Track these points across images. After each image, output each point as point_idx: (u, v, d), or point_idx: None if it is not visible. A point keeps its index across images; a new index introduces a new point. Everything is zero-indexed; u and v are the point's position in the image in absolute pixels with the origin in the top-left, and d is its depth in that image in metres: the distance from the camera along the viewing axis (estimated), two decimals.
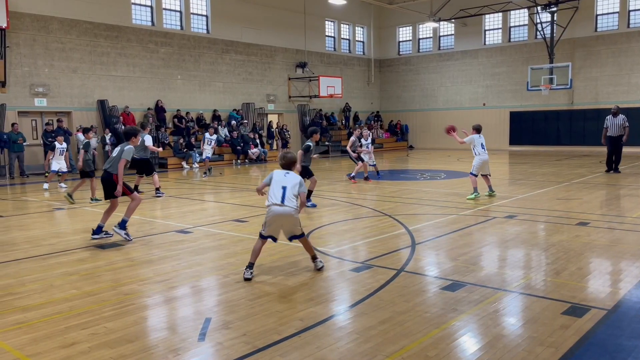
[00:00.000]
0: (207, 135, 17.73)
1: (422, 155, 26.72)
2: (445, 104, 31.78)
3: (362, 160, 15.04)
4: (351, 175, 15.00)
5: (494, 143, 29.43)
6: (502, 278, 5.78)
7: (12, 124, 17.88)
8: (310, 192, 10.34)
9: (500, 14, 29.01)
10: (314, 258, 6.09)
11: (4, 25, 17.33)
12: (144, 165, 12.65)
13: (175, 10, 23.47)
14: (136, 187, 11.92)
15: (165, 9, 23.02)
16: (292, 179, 5.86)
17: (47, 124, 18.81)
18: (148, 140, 12.52)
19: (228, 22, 25.00)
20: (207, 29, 24.60)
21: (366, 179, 14.87)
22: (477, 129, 11.86)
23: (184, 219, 9.65)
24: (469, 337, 4.22)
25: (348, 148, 15.43)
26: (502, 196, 11.70)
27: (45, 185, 14.35)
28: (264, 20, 26.45)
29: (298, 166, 9.94)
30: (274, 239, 5.92)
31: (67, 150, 14.74)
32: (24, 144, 18.00)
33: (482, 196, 11.39)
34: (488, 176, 11.58)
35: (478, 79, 30.52)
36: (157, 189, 12.72)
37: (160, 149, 15.12)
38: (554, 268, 6.08)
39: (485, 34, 30.38)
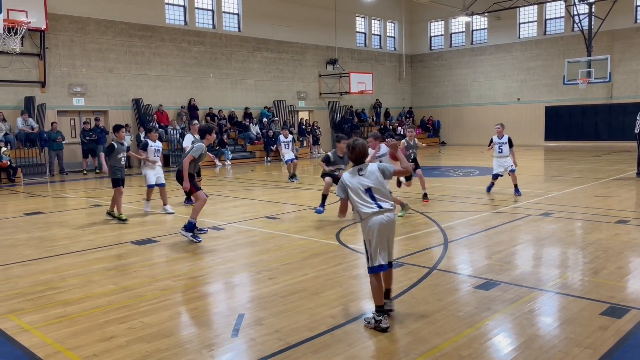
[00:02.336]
0: (281, 137, 15.22)
1: (454, 151, 26.37)
2: (478, 99, 31.26)
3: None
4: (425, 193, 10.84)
5: (528, 139, 28.84)
6: (538, 277, 5.66)
7: (52, 123, 18.44)
8: (324, 196, 9.20)
9: (535, 7, 28.31)
10: (388, 293, 4.59)
11: (43, 27, 17.86)
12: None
13: (207, 10, 23.75)
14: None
15: (197, 8, 23.32)
16: (371, 172, 4.40)
17: (85, 122, 19.32)
18: (187, 141, 11.45)
19: (259, 20, 25.16)
20: (239, 28, 24.82)
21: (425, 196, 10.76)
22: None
23: (217, 216, 9.78)
24: (503, 337, 4.16)
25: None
26: (538, 193, 11.46)
27: (147, 207, 10.18)
28: (294, 18, 26.52)
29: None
30: (388, 265, 4.44)
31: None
32: (63, 142, 18.54)
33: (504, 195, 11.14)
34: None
35: (512, 73, 29.89)
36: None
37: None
38: (592, 267, 5.93)
39: (519, 27, 29.71)
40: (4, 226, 9.37)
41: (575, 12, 26.13)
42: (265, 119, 24.44)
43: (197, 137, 11.22)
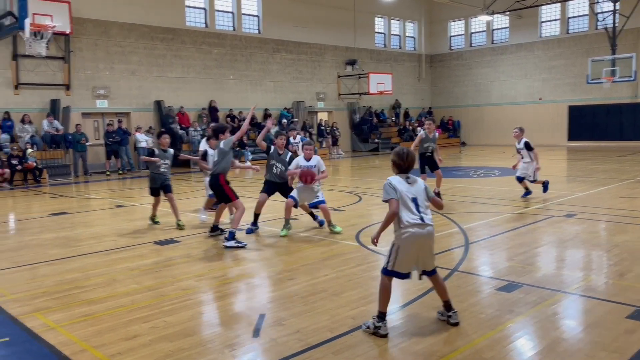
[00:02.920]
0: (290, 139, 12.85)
1: (475, 151, 26.13)
2: (499, 99, 30.91)
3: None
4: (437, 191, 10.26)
5: (551, 139, 28.42)
6: (561, 279, 5.58)
7: (76, 125, 18.78)
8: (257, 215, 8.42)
9: (558, 5, 27.89)
10: (449, 306, 4.39)
11: (68, 31, 18.17)
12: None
13: (227, 12, 23.94)
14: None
15: (218, 11, 23.53)
16: (418, 184, 4.39)
17: (108, 124, 19.63)
18: (202, 144, 10.25)
19: (279, 22, 25.27)
20: (259, 29, 24.96)
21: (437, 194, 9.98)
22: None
23: None
24: (526, 340, 4.12)
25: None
26: (561, 194, 11.29)
27: (203, 217, 9.38)
28: (313, 19, 26.57)
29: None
30: (406, 276, 4.36)
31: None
32: (87, 144, 18.86)
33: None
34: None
35: (534, 72, 29.49)
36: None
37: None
38: (617, 270, 5.82)
39: (541, 26, 29.31)
40: (31, 226, 9.58)
41: (599, 10, 25.68)
42: (284, 120, 24.52)
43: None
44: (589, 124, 27.74)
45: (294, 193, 7.93)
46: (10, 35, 11.32)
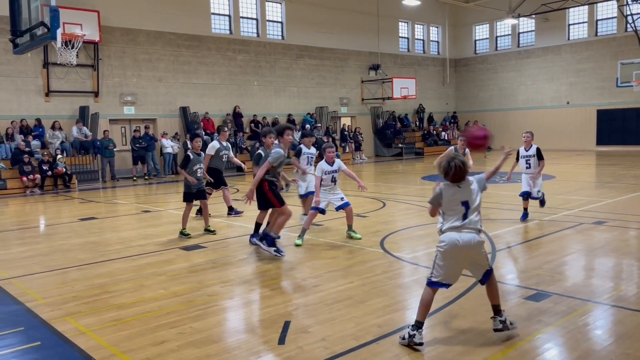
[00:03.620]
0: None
1: (500, 157, 25.76)
2: (525, 103, 30.48)
3: None
4: None
5: (579, 143, 27.89)
6: (591, 289, 5.47)
7: (104, 131, 19.17)
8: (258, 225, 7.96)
9: (585, 7, 27.41)
10: (497, 310, 4.25)
11: (97, 39, 18.61)
12: (213, 176, 9.98)
13: (251, 18, 24.18)
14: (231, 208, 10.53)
15: (242, 17, 23.78)
16: (474, 188, 4.22)
17: (135, 130, 19.99)
18: (210, 149, 10.39)
19: (302, 28, 25.41)
20: (282, 35, 25.14)
21: None
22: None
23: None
24: (555, 351, 4.04)
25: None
26: (590, 200, 11.06)
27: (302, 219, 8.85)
28: (337, 25, 26.63)
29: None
30: (448, 286, 4.25)
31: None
32: (114, 149, 19.23)
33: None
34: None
35: (561, 76, 29.01)
36: (230, 208, 10.59)
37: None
38: None
39: (569, 29, 28.83)
40: (61, 231, 9.80)
41: (628, 12, 25.16)
42: (308, 125, 24.60)
43: (225, 144, 10.40)
44: (618, 128, 27.14)
45: (322, 203, 7.86)
46: (43, 44, 11.63)
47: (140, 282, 6.11)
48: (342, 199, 7.99)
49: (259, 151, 7.54)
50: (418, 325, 4.09)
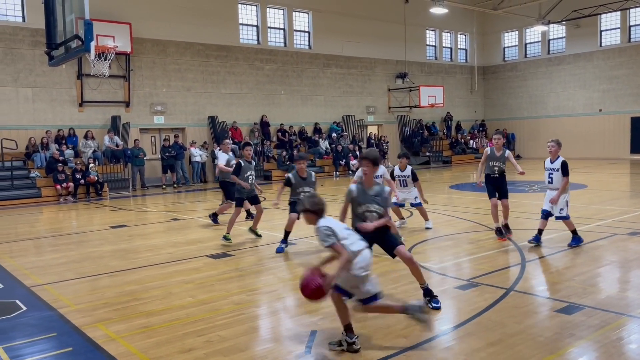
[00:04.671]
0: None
1: (530, 165, 25.28)
2: (555, 110, 29.92)
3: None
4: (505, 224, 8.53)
5: (612, 151, 27.20)
6: (626, 302, 5.31)
7: (135, 140, 19.57)
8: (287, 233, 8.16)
9: (618, 13, 26.82)
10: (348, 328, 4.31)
11: (129, 50, 19.07)
12: (224, 189, 10.66)
13: (279, 29, 24.42)
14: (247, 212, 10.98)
15: (270, 28, 24.04)
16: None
17: (164, 139, 20.35)
18: (221, 159, 10.70)
19: (329, 37, 25.53)
20: (309, 45, 25.30)
21: (501, 230, 8.46)
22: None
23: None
24: None
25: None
26: (624, 210, 10.76)
27: (429, 224, 9.58)
28: (364, 33, 26.68)
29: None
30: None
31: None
32: (144, 158, 19.61)
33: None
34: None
35: (593, 83, 28.40)
36: (215, 215, 10.80)
37: (229, 171, 9.79)
38: None
39: (601, 35, 28.23)
40: (93, 238, 10.02)
41: None
42: (334, 134, 24.66)
43: (231, 154, 10.76)
44: None
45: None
46: (77, 57, 11.97)
47: (169, 290, 6.19)
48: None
49: (289, 175, 8.10)
50: (349, 328, 4.21)
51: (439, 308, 5.17)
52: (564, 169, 7.71)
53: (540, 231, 7.85)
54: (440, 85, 28.72)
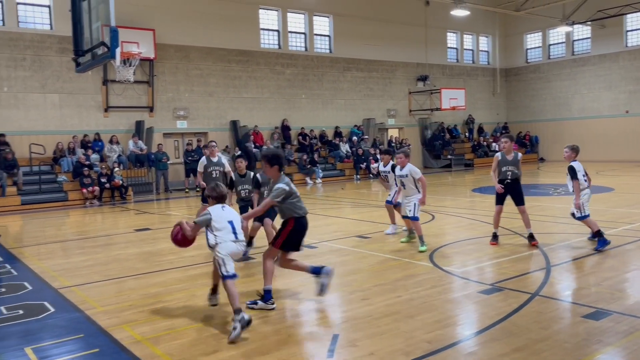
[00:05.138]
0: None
1: (554, 168, 24.94)
2: (580, 112, 29.42)
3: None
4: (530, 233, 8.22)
5: (639, 153, 26.62)
6: None
7: (158, 145, 19.84)
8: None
9: None
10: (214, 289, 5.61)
11: (152, 56, 19.38)
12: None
13: (300, 33, 24.54)
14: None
15: (290, 32, 24.17)
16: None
17: (187, 144, 20.60)
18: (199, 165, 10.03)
19: (349, 41, 25.56)
20: (330, 49, 25.37)
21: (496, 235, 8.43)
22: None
23: (308, 234, 9.92)
24: None
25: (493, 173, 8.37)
26: None
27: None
28: (384, 37, 26.64)
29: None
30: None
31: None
32: (168, 162, 19.86)
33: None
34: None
35: (619, 84, 27.85)
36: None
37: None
38: None
39: (626, 35, 27.69)
40: (118, 241, 10.18)
41: None
42: (355, 137, 24.64)
43: (216, 159, 9.73)
44: None
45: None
46: (103, 63, 12.20)
47: (193, 292, 6.26)
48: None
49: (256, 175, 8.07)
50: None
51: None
52: (572, 173, 7.85)
53: (594, 232, 7.80)
54: (461, 87, 28.52)
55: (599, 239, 7.67)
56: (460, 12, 25.57)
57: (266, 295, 5.58)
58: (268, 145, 21.98)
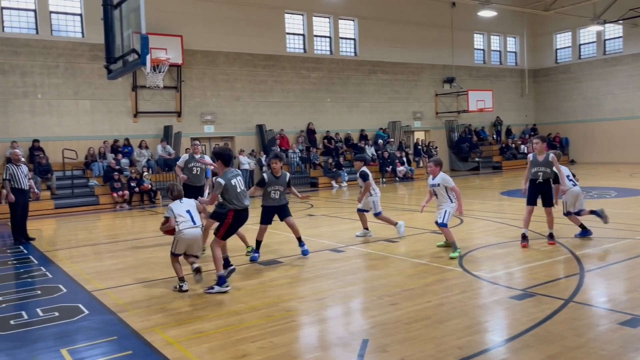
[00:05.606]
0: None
1: (586, 170, 24.37)
2: (612, 113, 28.71)
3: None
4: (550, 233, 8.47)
5: None
6: None
7: (186, 149, 20.08)
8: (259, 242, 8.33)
9: None
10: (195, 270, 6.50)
11: (180, 62, 19.68)
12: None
13: (325, 37, 24.60)
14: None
15: (316, 36, 24.25)
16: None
17: (214, 148, 20.81)
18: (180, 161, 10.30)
19: (375, 44, 25.51)
20: (355, 52, 25.35)
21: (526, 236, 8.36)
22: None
23: (335, 237, 9.96)
24: None
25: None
26: None
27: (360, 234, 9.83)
28: (410, 39, 26.50)
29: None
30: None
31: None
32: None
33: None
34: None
35: None
36: None
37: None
38: None
39: None
40: (147, 244, 10.34)
41: None
42: (380, 140, 24.55)
43: (198, 157, 10.01)
44: None
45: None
46: (133, 70, 12.44)
47: (221, 297, 6.32)
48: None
49: (263, 174, 8.37)
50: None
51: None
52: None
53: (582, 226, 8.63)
54: (489, 89, 28.16)
55: (583, 230, 8.61)
56: (487, 13, 25.28)
57: (220, 280, 6.42)
58: (293, 149, 22.09)
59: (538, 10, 27.60)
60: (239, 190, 6.54)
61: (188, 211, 6.64)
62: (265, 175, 8.23)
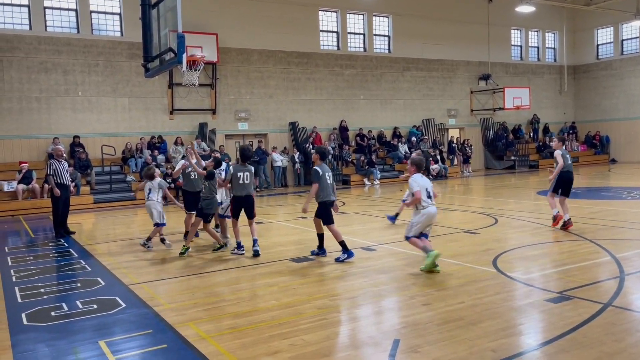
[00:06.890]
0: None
1: (627, 170, 23.59)
2: None
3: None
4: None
5: None
6: None
7: (220, 146, 20.34)
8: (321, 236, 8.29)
9: None
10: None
11: (215, 60, 19.94)
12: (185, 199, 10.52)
13: (359, 34, 24.51)
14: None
15: (350, 33, 24.19)
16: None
17: (248, 145, 21.04)
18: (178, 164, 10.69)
19: (409, 40, 25.27)
20: (389, 49, 25.17)
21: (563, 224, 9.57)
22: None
23: (368, 235, 9.93)
24: None
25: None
26: None
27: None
28: (445, 36, 26.15)
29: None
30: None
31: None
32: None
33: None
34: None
35: None
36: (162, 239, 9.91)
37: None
38: None
39: None
40: (182, 239, 10.50)
41: None
42: (414, 138, 24.33)
43: (194, 161, 10.16)
44: None
45: None
46: (170, 68, 12.68)
47: (254, 292, 6.39)
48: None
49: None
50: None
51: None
52: None
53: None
54: (526, 86, 27.56)
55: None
56: (525, 9, 24.70)
57: (238, 245, 8.64)
58: (326, 146, 22.10)
59: (579, 5, 26.81)
60: (241, 182, 8.40)
61: (159, 184, 10.14)
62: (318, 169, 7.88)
